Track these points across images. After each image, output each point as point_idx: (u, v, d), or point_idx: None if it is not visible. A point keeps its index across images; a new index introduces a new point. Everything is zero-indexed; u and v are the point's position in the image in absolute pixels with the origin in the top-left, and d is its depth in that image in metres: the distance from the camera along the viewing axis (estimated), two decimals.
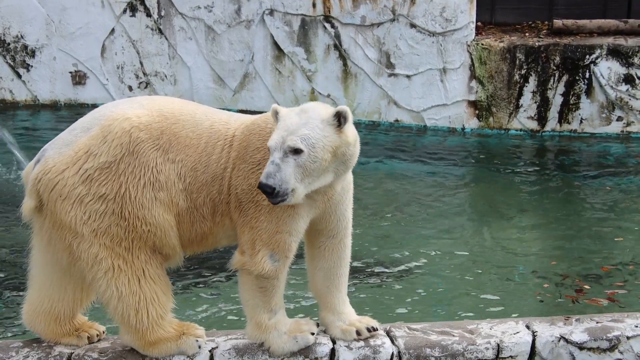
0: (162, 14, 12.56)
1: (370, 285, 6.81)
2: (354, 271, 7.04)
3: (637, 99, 11.18)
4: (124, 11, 12.65)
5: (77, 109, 12.58)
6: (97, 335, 4.21)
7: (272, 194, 3.63)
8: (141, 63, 12.74)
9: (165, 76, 12.71)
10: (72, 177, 3.78)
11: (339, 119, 3.75)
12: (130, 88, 12.81)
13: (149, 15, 12.60)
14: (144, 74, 12.77)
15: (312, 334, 4.09)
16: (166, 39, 12.61)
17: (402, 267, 7.11)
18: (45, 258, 4.04)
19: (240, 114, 4.15)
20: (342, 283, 4.22)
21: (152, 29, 12.65)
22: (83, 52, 12.80)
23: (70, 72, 12.89)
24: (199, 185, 3.91)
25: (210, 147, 3.93)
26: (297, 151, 3.68)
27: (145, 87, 12.77)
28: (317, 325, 4.19)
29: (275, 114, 3.83)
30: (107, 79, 12.83)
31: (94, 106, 12.90)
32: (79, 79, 12.89)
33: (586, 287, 6.67)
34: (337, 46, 12.05)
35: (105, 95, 12.78)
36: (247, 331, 4.09)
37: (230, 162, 3.92)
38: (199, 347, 4.03)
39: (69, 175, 3.79)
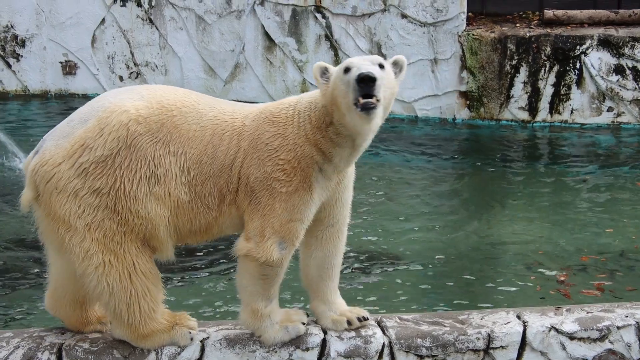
0: (153, 4, 12.50)
1: (361, 275, 6.82)
2: (344, 261, 7.05)
3: (627, 89, 11.21)
4: (115, 1, 12.60)
5: (68, 99, 12.55)
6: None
7: (374, 86, 3.61)
8: (132, 53, 12.70)
9: (156, 66, 12.67)
10: (68, 171, 3.75)
11: (399, 67, 3.90)
12: (121, 78, 12.77)
13: (139, 5, 12.55)
14: (135, 64, 12.73)
15: (303, 324, 4.09)
16: (157, 29, 12.57)
17: (392, 257, 7.12)
18: (53, 251, 4.03)
19: (244, 104, 4.11)
20: (335, 273, 4.23)
21: (142, 19, 12.60)
22: (73, 42, 12.74)
23: (61, 62, 12.84)
24: (205, 177, 3.87)
25: (216, 139, 3.89)
26: (381, 66, 3.76)
27: (136, 78, 12.73)
28: (307, 315, 4.20)
29: (324, 68, 3.85)
30: (98, 69, 12.78)
31: (85, 96, 13.05)
32: (69, 69, 12.84)
33: (575, 277, 6.70)
34: (328, 36, 12.03)
35: (96, 85, 12.74)
36: (241, 317, 4.07)
37: (240, 151, 3.88)
38: (191, 338, 4.03)
39: (65, 169, 3.75)
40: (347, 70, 3.73)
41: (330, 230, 4.16)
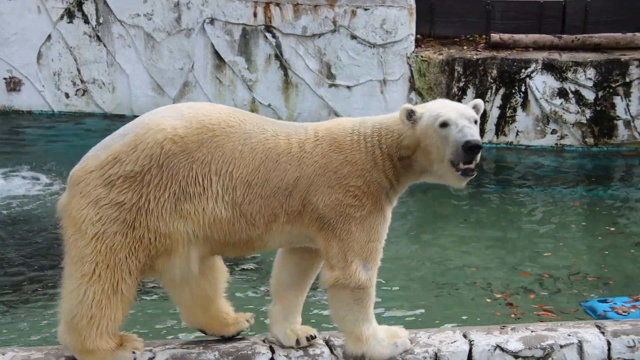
0: (101, 21, 12.39)
1: (310, 292, 6.81)
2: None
3: (570, 112, 11.46)
4: (61, 17, 12.45)
5: (11, 116, 12.33)
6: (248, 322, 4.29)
7: (479, 154, 3.75)
8: (78, 70, 12.54)
9: (104, 83, 12.54)
10: (96, 180, 3.79)
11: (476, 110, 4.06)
12: (67, 95, 12.60)
13: (87, 22, 12.42)
14: (82, 81, 12.58)
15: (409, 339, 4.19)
16: (104, 46, 12.45)
17: None
18: None
19: (295, 125, 4.10)
20: (307, 288, 4.30)
21: (90, 36, 12.47)
22: (18, 58, 12.54)
23: (5, 79, 12.61)
24: (254, 196, 3.88)
25: (270, 162, 3.89)
26: (475, 122, 3.89)
27: (83, 95, 12.57)
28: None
29: (411, 112, 3.92)
30: (44, 86, 12.59)
31: (29, 113, 12.84)
32: (13, 85, 12.62)
33: (519, 297, 6.79)
34: (278, 56, 12.06)
35: (42, 102, 12.54)
36: (347, 347, 4.09)
37: (303, 178, 3.91)
38: (134, 359, 3.99)
39: (94, 177, 3.79)
40: (444, 124, 3.81)
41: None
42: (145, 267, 3.90)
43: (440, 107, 3.90)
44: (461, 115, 3.86)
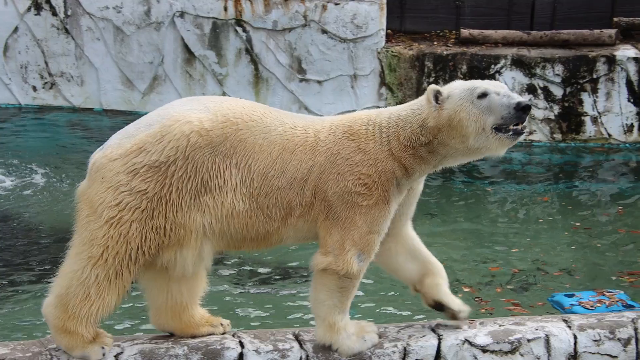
0: (69, 13, 12.25)
1: (276, 289, 6.84)
2: (256, 275, 7.05)
3: (539, 108, 11.56)
4: (28, 9, 12.29)
5: None
6: (222, 326, 4.31)
7: (529, 112, 4.01)
8: (46, 63, 12.40)
9: (72, 77, 12.41)
10: (119, 167, 3.84)
11: None
12: (34, 88, 12.45)
13: (54, 14, 12.28)
14: (50, 74, 12.43)
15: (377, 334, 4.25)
16: (73, 38, 12.31)
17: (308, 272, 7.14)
18: None
19: (313, 117, 4.22)
20: (423, 255, 4.47)
21: (58, 29, 12.32)
22: None
23: None
24: (271, 189, 3.96)
25: (287, 153, 3.98)
26: None
27: (51, 88, 12.43)
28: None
29: (438, 92, 4.00)
30: (10, 79, 12.42)
31: None
32: None
33: (488, 292, 6.85)
34: (249, 50, 12.02)
35: (8, 95, 12.38)
36: (317, 333, 4.16)
37: (316, 166, 3.99)
38: (103, 354, 4.02)
39: (118, 165, 3.85)
40: (483, 95, 3.96)
41: (396, 235, 4.34)
42: (150, 260, 3.95)
43: (470, 82, 4.06)
44: (494, 85, 4.02)
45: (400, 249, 4.38)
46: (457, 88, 4.03)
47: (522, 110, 3.97)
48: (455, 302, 4.41)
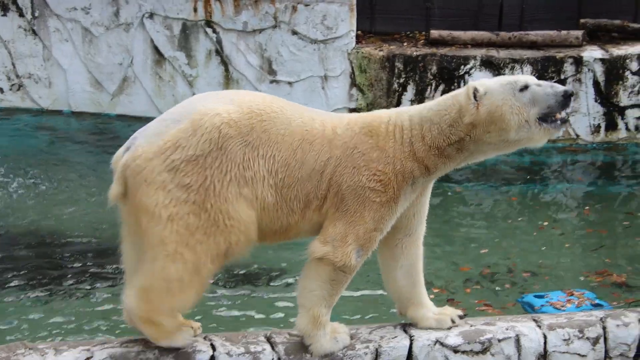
0: (36, 14, 12.13)
1: (250, 290, 6.83)
2: (232, 277, 7.04)
3: None
4: None
5: None
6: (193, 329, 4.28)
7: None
8: (13, 65, 12.26)
9: (40, 78, 12.28)
10: (159, 166, 3.85)
11: None
12: (1, 90, 12.30)
13: (21, 15, 12.14)
14: (17, 75, 12.29)
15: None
16: (40, 40, 12.19)
17: (284, 274, 7.14)
18: (134, 249, 4.07)
19: (328, 113, 4.30)
20: (422, 278, 4.41)
21: (25, 30, 12.19)
22: None
23: None
24: (292, 180, 4.00)
25: (306, 144, 4.03)
26: None
27: (18, 90, 12.29)
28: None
29: (476, 89, 4.04)
30: None
31: None
32: None
33: (459, 293, 6.89)
34: (219, 51, 11.98)
35: None
36: (298, 322, 4.16)
37: (332, 159, 4.04)
38: (188, 343, 4.10)
39: (157, 164, 3.86)
40: (524, 88, 4.02)
41: (409, 239, 4.33)
42: (228, 253, 3.96)
43: (508, 77, 4.15)
44: (531, 78, 4.11)
45: (405, 261, 4.37)
46: (495, 83, 4.09)
47: (568, 98, 4.02)
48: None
